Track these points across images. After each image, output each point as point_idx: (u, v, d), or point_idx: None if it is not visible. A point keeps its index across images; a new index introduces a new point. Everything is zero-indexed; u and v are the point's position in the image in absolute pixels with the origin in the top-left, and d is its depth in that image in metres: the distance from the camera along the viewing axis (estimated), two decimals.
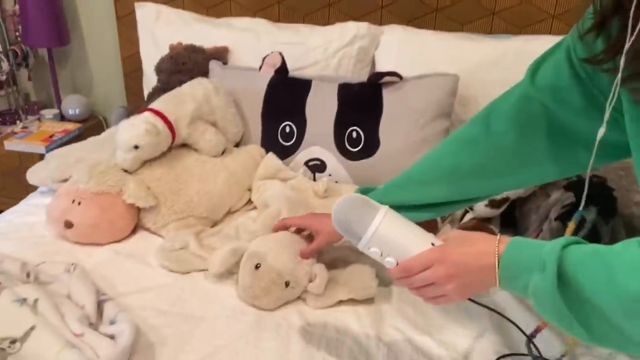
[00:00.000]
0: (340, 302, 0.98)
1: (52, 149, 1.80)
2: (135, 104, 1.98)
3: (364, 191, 0.96)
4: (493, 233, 1.17)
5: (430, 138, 1.39)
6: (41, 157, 1.78)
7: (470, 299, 0.75)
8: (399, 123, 1.38)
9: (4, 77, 1.95)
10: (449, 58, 1.53)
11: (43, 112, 2.02)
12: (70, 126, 1.94)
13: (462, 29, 1.69)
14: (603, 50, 0.62)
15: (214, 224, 1.26)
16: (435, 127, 1.40)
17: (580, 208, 0.76)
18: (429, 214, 0.94)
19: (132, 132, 1.20)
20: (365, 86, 1.43)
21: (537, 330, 0.83)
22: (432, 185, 0.90)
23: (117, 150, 1.22)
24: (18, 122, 1.98)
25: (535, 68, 0.78)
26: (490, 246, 0.65)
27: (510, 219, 1.25)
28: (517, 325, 0.86)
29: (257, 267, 0.98)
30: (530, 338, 0.83)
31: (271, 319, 0.94)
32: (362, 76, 1.62)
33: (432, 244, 0.70)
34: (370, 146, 1.38)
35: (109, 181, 1.17)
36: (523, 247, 0.64)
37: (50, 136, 1.85)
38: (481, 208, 1.19)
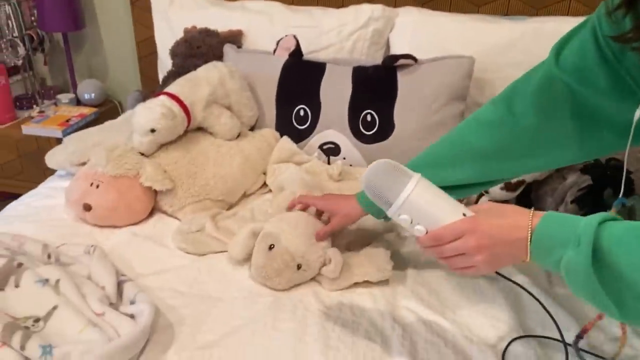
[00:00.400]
0: (356, 284, 0.99)
1: (68, 133, 1.82)
2: (150, 87, 1.99)
3: None
4: None
5: (445, 121, 1.38)
6: (58, 141, 1.80)
7: (501, 276, 0.76)
8: (414, 106, 1.38)
9: (20, 62, 1.97)
10: (464, 40, 1.51)
11: (59, 96, 2.04)
12: (86, 110, 1.96)
13: (477, 11, 1.67)
14: (632, 28, 0.60)
15: (230, 206, 1.28)
16: (450, 110, 1.39)
17: (620, 195, 0.75)
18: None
19: (148, 115, 1.21)
20: (379, 69, 1.42)
21: (584, 331, 0.82)
22: (454, 168, 0.90)
23: (133, 133, 1.23)
24: (35, 106, 2.00)
25: (560, 48, 0.76)
26: (524, 219, 0.63)
27: (526, 202, 1.25)
28: (558, 328, 0.85)
29: (270, 247, 0.99)
30: (576, 342, 0.82)
31: (287, 300, 0.96)
32: (377, 59, 1.60)
33: (464, 215, 0.68)
34: (385, 129, 1.38)
35: (126, 164, 1.19)
36: (557, 221, 0.62)
37: (67, 120, 1.87)
38: (497, 191, 1.19)
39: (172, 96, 1.26)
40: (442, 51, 1.45)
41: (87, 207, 1.15)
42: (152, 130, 1.21)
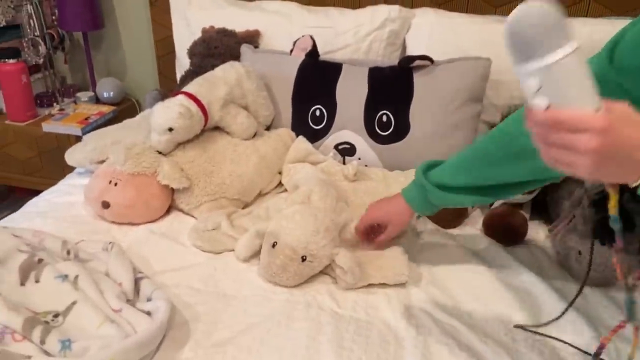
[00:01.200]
0: (370, 284, 1.00)
1: (88, 131, 1.84)
2: (168, 86, 2.01)
3: (429, 167, 1.00)
4: (524, 218, 1.17)
5: (461, 123, 1.38)
6: (78, 138, 1.83)
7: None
8: (430, 107, 1.37)
9: (41, 60, 2.00)
10: (481, 41, 1.50)
11: (79, 94, 2.08)
12: (105, 109, 1.99)
13: (495, 12, 1.66)
14: None
15: (245, 205, 1.29)
16: (467, 111, 1.39)
17: None
18: (489, 197, 0.96)
19: (166, 114, 1.22)
20: (396, 70, 1.42)
21: (602, 347, 0.81)
22: (503, 166, 0.89)
23: (151, 132, 1.25)
24: (55, 104, 2.03)
25: (613, 47, 0.71)
26: None
27: (542, 204, 1.24)
28: (578, 348, 0.85)
29: (273, 245, 1.00)
30: (596, 356, 0.82)
31: (301, 298, 0.96)
32: (393, 60, 1.60)
33: (597, 110, 0.56)
34: (401, 130, 1.38)
35: (144, 163, 1.20)
36: None
37: (86, 118, 1.90)
38: None
39: (190, 95, 1.28)
40: (459, 52, 1.45)
41: (106, 205, 1.17)
42: (170, 129, 1.22)
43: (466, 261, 1.09)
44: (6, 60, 1.83)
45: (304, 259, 0.98)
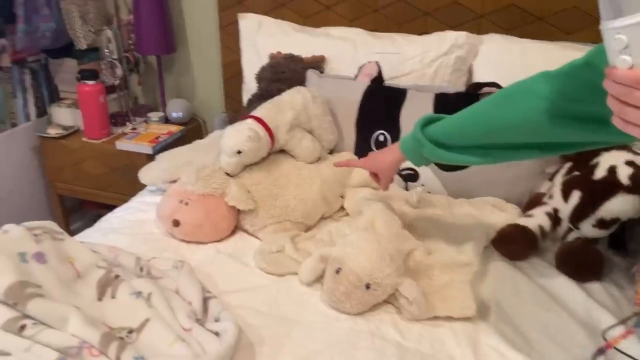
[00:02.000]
0: (436, 316, 0.97)
1: (158, 149, 1.93)
2: (233, 107, 2.08)
3: (429, 121, 1.02)
4: (600, 254, 1.11)
5: None
6: (148, 156, 1.91)
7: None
8: None
9: (117, 82, 2.11)
10: (552, 69, 1.46)
11: (150, 114, 2.17)
12: (173, 128, 2.07)
13: (566, 39, 1.61)
14: None
15: (308, 228, 1.30)
16: None
17: None
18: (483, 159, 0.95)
19: (236, 138, 1.26)
20: (462, 96, 1.40)
21: (608, 347, 0.77)
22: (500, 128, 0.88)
23: (221, 154, 1.29)
24: (128, 123, 2.13)
25: None
26: None
27: (620, 239, 1.18)
28: None
29: (337, 271, 1.00)
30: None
31: (365, 327, 0.96)
32: (459, 86, 1.59)
33: None
34: None
35: (213, 184, 1.24)
36: None
37: (156, 137, 1.98)
38: (588, 228, 1.13)
39: (259, 120, 1.31)
40: None
41: (176, 223, 1.22)
42: (239, 152, 1.26)
43: (537, 296, 1.05)
44: (86, 81, 1.94)
45: (368, 286, 0.97)
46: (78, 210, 2.38)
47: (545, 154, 0.90)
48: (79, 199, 2.23)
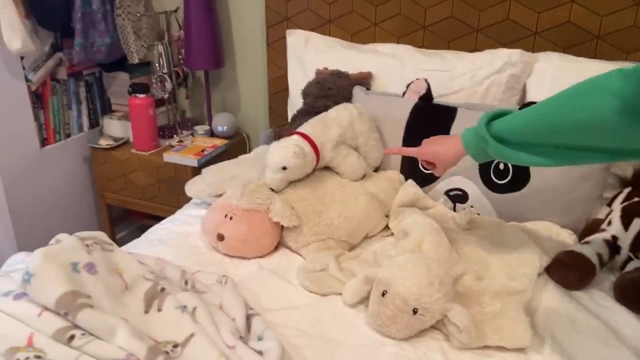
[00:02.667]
0: (486, 346, 0.93)
1: (202, 163, 1.96)
2: (277, 122, 2.09)
3: (495, 116, 0.97)
4: None
5: (587, 174, 1.28)
6: (194, 169, 1.94)
7: None
8: None
9: (166, 96, 2.16)
10: None
11: (196, 127, 2.21)
12: (218, 142, 2.10)
13: (626, 58, 1.54)
14: None
15: (352, 247, 1.28)
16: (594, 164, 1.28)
17: None
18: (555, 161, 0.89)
19: (281, 153, 1.26)
20: None
21: None
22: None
23: (266, 169, 1.29)
24: (175, 136, 2.18)
25: None
26: None
27: None
28: None
29: (383, 294, 0.97)
30: None
31: (412, 354, 0.92)
32: (511, 104, 1.55)
33: None
34: (519, 180, 1.30)
35: (258, 199, 1.24)
36: None
37: (202, 150, 2.01)
38: None
39: (304, 136, 1.31)
40: None
41: (220, 237, 1.22)
42: (284, 168, 1.26)
43: (595, 329, 0.99)
44: (137, 95, 2.00)
45: (415, 311, 0.94)
46: (124, 219, 2.44)
47: (616, 159, 0.84)
48: (125, 208, 2.28)
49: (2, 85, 1.83)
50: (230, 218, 1.23)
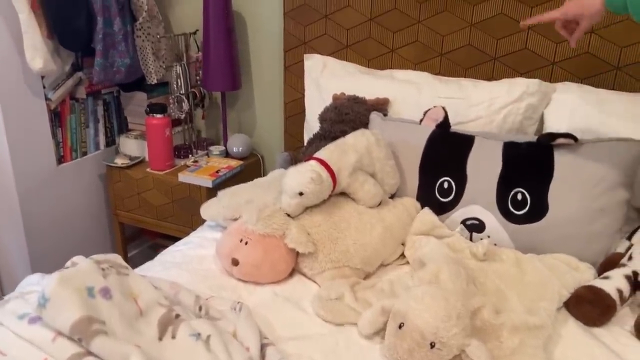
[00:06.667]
0: None
1: (217, 183, 1.96)
2: (292, 145, 2.10)
3: None
4: None
5: (607, 208, 1.26)
6: (208, 190, 1.94)
7: None
8: (572, 189, 1.27)
9: (183, 116, 2.18)
10: (631, 121, 1.39)
11: (211, 148, 2.22)
12: (233, 163, 2.11)
13: None
14: None
15: (367, 275, 1.26)
16: (614, 197, 1.27)
17: None
18: None
19: (298, 179, 1.26)
20: (534, 146, 1.35)
21: None
22: None
23: (282, 194, 1.28)
24: (190, 156, 2.19)
25: None
26: None
27: None
28: None
29: (400, 326, 0.95)
30: None
31: None
32: (529, 134, 1.54)
33: None
34: (537, 211, 1.29)
35: (274, 224, 1.23)
36: None
37: (217, 171, 2.02)
38: None
39: (321, 162, 1.31)
40: (604, 130, 1.35)
41: (235, 262, 1.21)
42: (301, 194, 1.25)
43: None
44: (154, 115, 2.02)
45: (432, 345, 0.92)
46: (137, 237, 2.45)
47: None
48: (137, 227, 2.29)
49: (22, 104, 1.85)
50: (246, 243, 1.22)
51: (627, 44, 1.52)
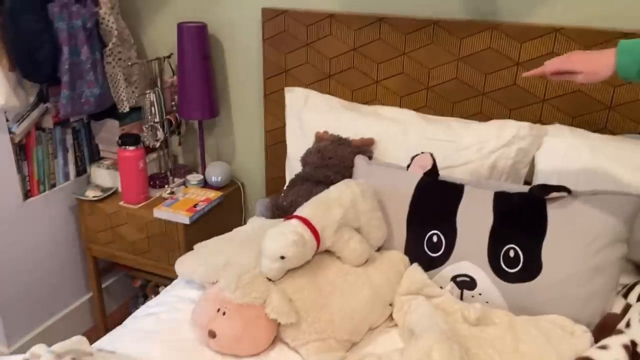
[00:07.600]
0: None
1: (195, 219, 1.87)
2: (273, 173, 2.01)
3: None
4: None
5: (603, 266, 1.21)
6: (185, 227, 1.85)
7: None
8: (567, 246, 1.22)
9: (157, 145, 2.07)
10: (628, 167, 1.34)
11: (189, 177, 2.12)
12: (212, 195, 2.01)
13: (638, 129, 1.48)
14: None
15: (354, 344, 1.19)
16: (611, 254, 1.21)
17: None
18: None
19: (280, 241, 1.18)
20: (525, 198, 1.29)
21: None
22: None
23: (263, 258, 1.20)
24: (166, 185, 2.09)
25: None
26: None
27: None
28: None
29: None
30: None
31: None
32: (519, 178, 1.48)
33: None
34: (531, 269, 1.23)
35: (253, 292, 1.15)
36: None
37: (194, 205, 1.93)
38: None
39: (304, 220, 1.23)
40: (597, 175, 1.30)
41: (212, 334, 1.13)
42: (282, 257, 1.17)
43: None
44: (127, 147, 1.91)
45: None
46: (111, 268, 2.34)
47: None
48: (111, 261, 2.19)
49: None
50: (224, 313, 1.14)
51: (619, 83, 1.47)
